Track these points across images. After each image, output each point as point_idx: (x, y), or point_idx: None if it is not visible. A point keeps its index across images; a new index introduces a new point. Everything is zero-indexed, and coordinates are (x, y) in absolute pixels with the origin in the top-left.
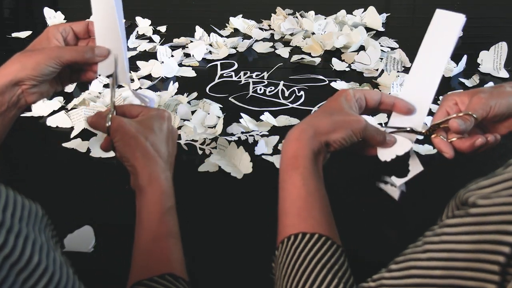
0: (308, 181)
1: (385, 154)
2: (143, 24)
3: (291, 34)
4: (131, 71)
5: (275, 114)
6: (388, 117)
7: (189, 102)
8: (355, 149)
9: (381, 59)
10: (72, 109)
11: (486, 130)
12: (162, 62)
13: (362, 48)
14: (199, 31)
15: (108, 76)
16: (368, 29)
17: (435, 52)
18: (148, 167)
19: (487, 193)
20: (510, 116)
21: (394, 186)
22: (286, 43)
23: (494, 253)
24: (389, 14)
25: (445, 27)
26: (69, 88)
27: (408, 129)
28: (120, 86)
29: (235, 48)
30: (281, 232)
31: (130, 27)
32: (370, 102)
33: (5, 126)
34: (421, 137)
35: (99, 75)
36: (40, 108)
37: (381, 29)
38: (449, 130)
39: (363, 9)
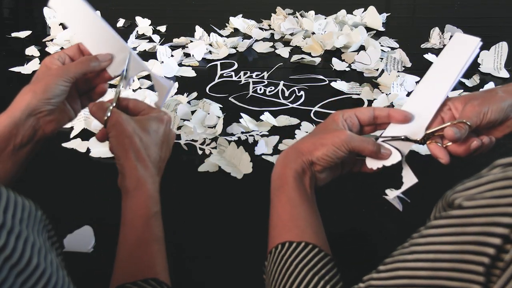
0: (292, 196)
1: (373, 162)
2: (143, 24)
3: (291, 34)
4: None
5: (275, 114)
6: None
7: (189, 102)
8: (349, 165)
9: (381, 59)
10: None
11: (480, 133)
12: (162, 62)
13: (362, 48)
14: (199, 31)
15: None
16: (368, 29)
17: (446, 70)
18: (137, 170)
19: (472, 194)
20: (504, 121)
21: (392, 199)
22: (286, 43)
23: (478, 254)
24: (389, 14)
25: (460, 48)
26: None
27: (402, 137)
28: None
29: (235, 48)
30: (269, 244)
31: (130, 27)
32: (362, 119)
33: (20, 164)
34: (415, 145)
35: (114, 77)
36: None
37: (381, 29)
38: (444, 136)
39: (363, 9)
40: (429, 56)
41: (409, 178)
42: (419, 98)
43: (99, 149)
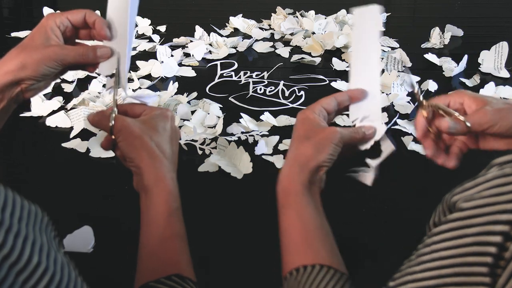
0: (302, 215)
1: (365, 145)
2: (143, 24)
3: (291, 34)
4: (131, 71)
5: (275, 114)
6: None
7: (189, 102)
8: (344, 156)
9: (382, 58)
10: (71, 109)
11: (481, 137)
12: (162, 62)
13: None
14: (199, 30)
15: (108, 76)
16: None
17: (367, 46)
18: (154, 167)
19: (470, 194)
20: (509, 136)
21: (370, 168)
22: (286, 43)
23: (481, 254)
24: (389, 13)
25: (368, 21)
26: (69, 88)
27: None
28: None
29: (235, 47)
30: (283, 269)
31: None
32: (329, 109)
33: (2, 120)
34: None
35: (99, 75)
36: (40, 108)
37: (382, 28)
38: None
39: None
40: (429, 56)
41: (387, 147)
42: (359, 80)
43: (99, 149)
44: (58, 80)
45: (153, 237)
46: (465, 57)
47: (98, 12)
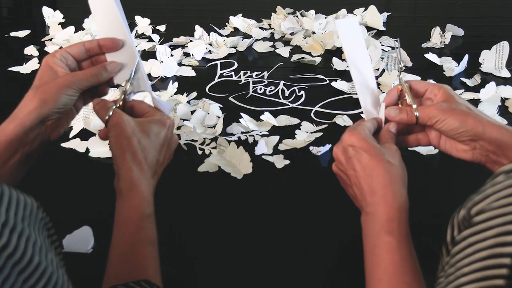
0: (402, 246)
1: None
2: (142, 23)
3: (292, 33)
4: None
5: (275, 114)
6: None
7: (188, 102)
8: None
9: (382, 58)
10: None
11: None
12: (162, 61)
13: None
14: (198, 30)
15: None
16: (369, 28)
17: (359, 55)
18: (132, 172)
19: (481, 208)
20: (456, 139)
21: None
22: (287, 43)
23: (496, 267)
24: (390, 13)
25: (352, 32)
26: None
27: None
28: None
29: (235, 47)
30: None
31: (129, 26)
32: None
33: (26, 169)
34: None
35: (116, 85)
36: None
37: (382, 28)
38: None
39: (363, 8)
40: (430, 56)
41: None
42: (362, 88)
43: (99, 149)
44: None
45: (124, 241)
46: (466, 56)
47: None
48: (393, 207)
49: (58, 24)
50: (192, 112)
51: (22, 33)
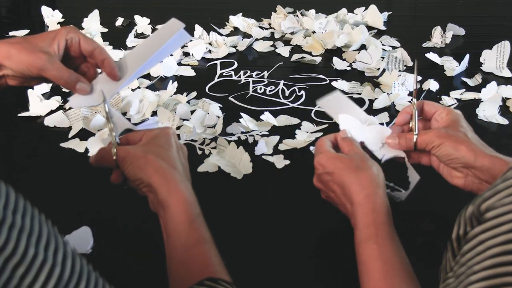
0: (383, 249)
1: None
2: (142, 23)
3: (292, 33)
4: None
5: (275, 114)
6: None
7: (188, 102)
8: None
9: (383, 58)
10: (70, 108)
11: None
12: (161, 61)
13: (363, 47)
14: (198, 29)
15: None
16: (370, 28)
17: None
18: (165, 180)
19: (491, 204)
20: (449, 166)
21: (401, 199)
22: (287, 42)
23: (507, 264)
24: (390, 12)
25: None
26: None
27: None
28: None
29: (235, 47)
30: None
31: (129, 25)
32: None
33: None
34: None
35: (70, 108)
36: (38, 108)
37: (383, 27)
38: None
39: (364, 8)
40: (430, 55)
41: (413, 177)
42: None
43: (98, 149)
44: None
45: (178, 248)
46: (467, 56)
47: (94, 17)
48: (367, 212)
49: (57, 24)
50: (192, 112)
51: (21, 33)
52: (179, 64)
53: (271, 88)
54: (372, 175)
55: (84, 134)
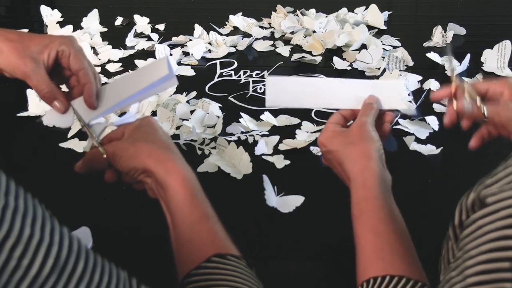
0: (376, 224)
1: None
2: (141, 22)
3: (292, 33)
4: (129, 70)
5: (275, 114)
6: None
7: (188, 102)
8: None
9: (383, 57)
10: None
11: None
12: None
13: (363, 46)
14: (198, 29)
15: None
16: (370, 27)
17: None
18: (160, 161)
19: (492, 190)
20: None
21: (415, 115)
22: (287, 42)
23: (503, 249)
24: (391, 12)
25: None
26: (66, 87)
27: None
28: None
29: (234, 46)
30: (357, 281)
31: (128, 25)
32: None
33: None
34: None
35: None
36: (37, 107)
37: (383, 27)
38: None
39: (364, 7)
40: (431, 55)
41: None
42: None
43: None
44: None
45: (182, 226)
46: (468, 56)
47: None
48: (358, 187)
49: (56, 23)
50: (192, 111)
51: None
52: (179, 63)
53: None
54: (364, 149)
55: (83, 134)
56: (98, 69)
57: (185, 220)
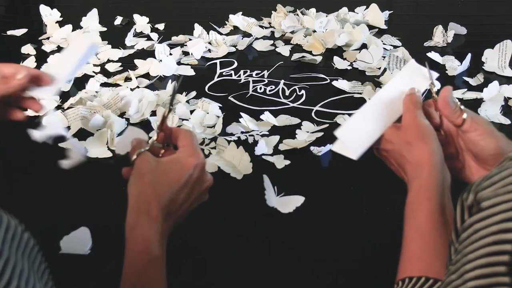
0: (422, 225)
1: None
2: (141, 22)
3: (292, 32)
4: (129, 70)
5: (275, 114)
6: None
7: (188, 101)
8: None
9: (384, 57)
10: (68, 108)
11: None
12: (161, 60)
13: (364, 46)
14: (198, 29)
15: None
16: (370, 27)
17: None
18: (136, 211)
19: (487, 194)
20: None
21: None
22: (287, 41)
23: (498, 254)
24: (391, 11)
25: (416, 76)
26: (66, 87)
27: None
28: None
29: (234, 46)
30: (396, 278)
31: (128, 24)
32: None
33: None
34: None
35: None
36: None
37: (384, 26)
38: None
39: (365, 7)
40: (432, 55)
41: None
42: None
43: (96, 149)
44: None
45: (128, 284)
46: (469, 55)
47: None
48: (414, 188)
49: (56, 23)
50: (191, 111)
51: (19, 32)
52: (179, 63)
53: (271, 87)
54: (422, 150)
55: (83, 134)
56: (98, 69)
57: (133, 280)
